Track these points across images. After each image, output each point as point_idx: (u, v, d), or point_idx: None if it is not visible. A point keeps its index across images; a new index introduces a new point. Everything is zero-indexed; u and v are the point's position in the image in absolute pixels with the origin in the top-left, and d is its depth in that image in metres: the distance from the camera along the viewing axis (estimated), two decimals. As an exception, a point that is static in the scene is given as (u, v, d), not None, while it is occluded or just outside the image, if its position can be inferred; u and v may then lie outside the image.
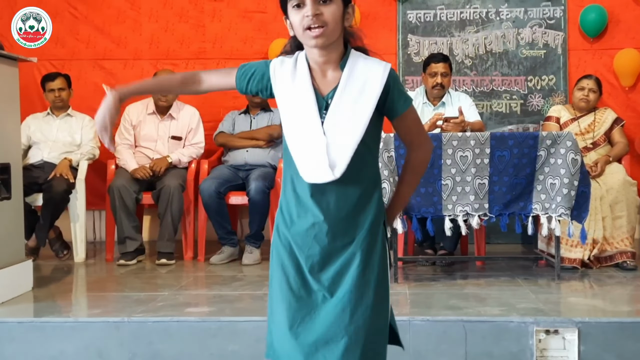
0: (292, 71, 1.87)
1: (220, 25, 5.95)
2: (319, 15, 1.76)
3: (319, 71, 1.86)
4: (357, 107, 1.80)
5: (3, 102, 3.87)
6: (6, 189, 3.87)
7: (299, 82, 1.85)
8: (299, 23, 1.79)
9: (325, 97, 1.84)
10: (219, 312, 3.48)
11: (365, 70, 1.83)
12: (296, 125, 1.85)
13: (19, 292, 3.90)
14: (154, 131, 5.28)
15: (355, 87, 1.82)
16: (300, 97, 1.84)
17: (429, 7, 5.82)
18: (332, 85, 1.84)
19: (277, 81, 1.88)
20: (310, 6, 1.76)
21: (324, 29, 1.77)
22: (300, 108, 1.84)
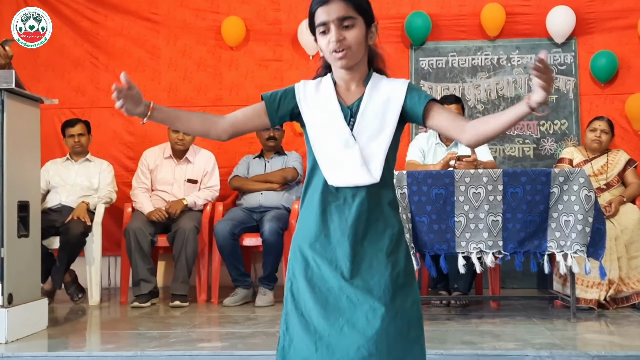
0: (316, 88, 2.00)
1: (237, 73, 6.09)
2: (342, 40, 1.89)
3: (344, 86, 1.99)
4: (382, 113, 1.93)
5: (24, 141, 3.97)
6: (24, 227, 3.93)
7: (324, 95, 1.98)
8: (326, 47, 1.92)
9: (350, 106, 1.95)
10: (232, 347, 3.47)
11: (387, 85, 1.96)
12: (325, 134, 1.95)
13: (34, 329, 3.92)
14: (171, 175, 5.36)
15: (379, 97, 1.94)
16: (326, 107, 1.96)
17: (441, 54, 5.94)
18: (355, 97, 1.96)
19: (302, 98, 1.99)
20: (334, 32, 1.89)
21: (348, 51, 1.90)
22: (327, 118, 1.95)
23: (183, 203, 5.19)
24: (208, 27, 6.12)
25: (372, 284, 1.87)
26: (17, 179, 3.85)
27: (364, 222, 1.91)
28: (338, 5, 1.89)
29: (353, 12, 1.91)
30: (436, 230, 4.03)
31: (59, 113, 5.97)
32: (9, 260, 3.72)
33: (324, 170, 1.93)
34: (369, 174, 1.90)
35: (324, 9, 1.90)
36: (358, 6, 1.92)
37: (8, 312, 3.65)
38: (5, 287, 3.68)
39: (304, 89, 2.00)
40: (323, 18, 1.90)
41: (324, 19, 1.90)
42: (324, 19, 1.90)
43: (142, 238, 4.97)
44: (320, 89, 1.99)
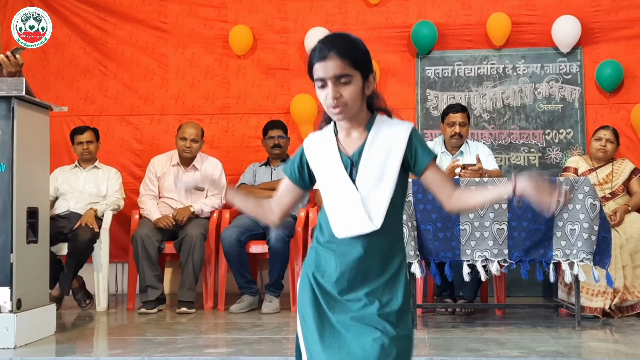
0: (320, 141, 2.03)
1: (244, 81, 6.14)
2: (339, 98, 1.90)
3: (345, 134, 1.99)
4: (384, 162, 1.93)
5: (34, 148, 4.02)
6: (33, 232, 3.97)
7: (326, 147, 2.00)
8: (324, 101, 1.94)
9: (351, 156, 1.96)
10: (238, 352, 3.50)
11: (389, 130, 1.95)
12: (329, 187, 1.99)
13: (42, 335, 3.95)
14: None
15: (381, 145, 1.94)
16: (328, 161, 1.99)
17: (447, 63, 5.97)
18: (357, 144, 1.97)
19: (310, 155, 2.03)
20: (331, 90, 1.90)
21: (344, 107, 1.91)
22: (329, 170, 1.98)
23: (190, 210, 5.23)
24: (216, 35, 6.18)
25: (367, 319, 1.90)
26: (27, 185, 3.90)
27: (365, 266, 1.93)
28: (335, 63, 1.89)
29: (349, 69, 1.90)
30: (441, 238, 4.06)
31: (67, 120, 6.03)
32: (18, 265, 3.76)
33: (331, 223, 1.96)
34: (369, 222, 1.90)
35: (321, 65, 1.90)
36: (355, 62, 1.91)
37: (17, 317, 3.69)
38: (14, 293, 3.72)
39: (311, 145, 2.04)
40: (320, 74, 1.91)
41: (321, 75, 1.91)
42: (321, 76, 1.91)
43: (150, 245, 5.00)
44: (324, 140, 2.02)
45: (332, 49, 1.90)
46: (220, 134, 6.11)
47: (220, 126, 6.12)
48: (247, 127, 6.06)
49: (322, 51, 1.91)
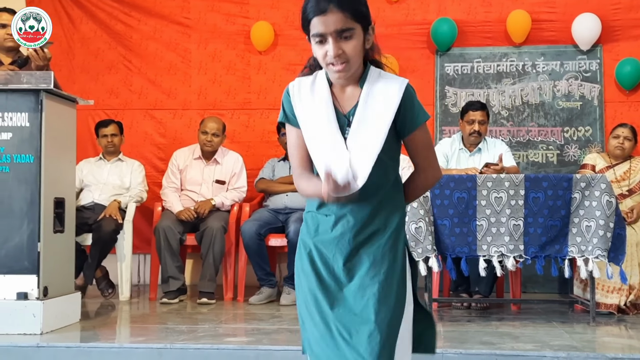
0: (311, 90, 1.91)
1: (265, 77, 6.22)
2: (341, 54, 1.80)
3: (339, 88, 1.90)
4: (376, 122, 1.85)
5: (61, 140, 4.13)
6: (60, 222, 4.09)
7: (320, 101, 1.89)
8: (322, 57, 1.83)
9: (347, 114, 1.88)
10: (257, 341, 3.59)
11: (383, 88, 1.86)
12: (320, 142, 1.89)
13: (67, 322, 4.07)
14: (199, 175, 5.50)
15: (375, 104, 1.85)
16: (323, 115, 1.88)
17: (466, 60, 6.01)
18: (352, 102, 1.88)
19: (297, 102, 1.91)
20: (333, 46, 1.79)
21: (346, 64, 1.82)
22: (323, 126, 1.88)
23: (211, 203, 5.33)
24: (238, 31, 6.26)
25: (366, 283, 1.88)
26: (54, 176, 4.01)
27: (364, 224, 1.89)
28: (336, 16, 1.78)
29: (351, 22, 1.80)
30: (458, 234, 4.11)
31: (92, 114, 6.15)
32: (45, 254, 3.88)
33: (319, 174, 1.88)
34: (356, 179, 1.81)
35: (320, 20, 1.78)
36: (356, 14, 1.80)
37: (43, 304, 3.80)
38: (41, 281, 3.84)
39: (298, 91, 1.92)
40: (320, 29, 1.79)
41: (321, 30, 1.79)
42: (321, 31, 1.79)
43: (172, 236, 5.11)
44: (315, 90, 1.90)
45: (331, 1, 1.77)
46: (241, 129, 6.20)
47: (241, 121, 6.21)
48: (267, 122, 6.14)
49: (320, 3, 1.78)
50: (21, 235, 3.86)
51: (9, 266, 3.83)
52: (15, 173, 3.88)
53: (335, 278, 1.91)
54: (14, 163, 3.88)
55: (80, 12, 6.34)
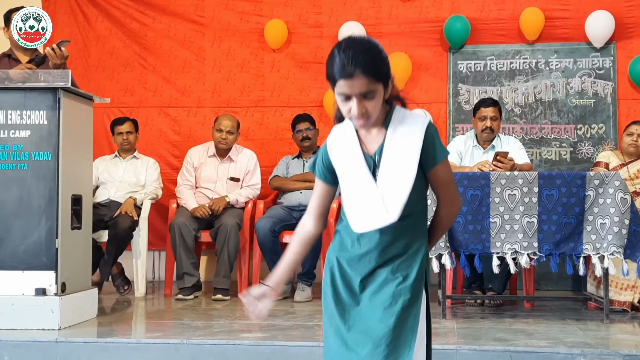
0: (342, 139, 2.04)
1: (278, 74, 6.26)
2: (364, 113, 1.91)
3: (365, 130, 2.02)
4: (403, 159, 1.96)
5: (78, 138, 4.18)
6: (77, 219, 4.13)
7: (348, 146, 2.02)
8: (346, 112, 1.95)
9: (372, 155, 1.99)
10: (272, 337, 3.62)
11: (407, 129, 1.97)
12: (350, 184, 2.01)
13: (84, 317, 4.12)
14: (214, 173, 5.54)
15: (400, 142, 1.97)
16: (351, 159, 2.01)
17: (479, 57, 6.02)
18: (377, 142, 2.00)
19: (333, 155, 2.05)
20: (357, 106, 1.90)
21: (368, 120, 1.94)
22: (352, 168, 2.01)
23: (226, 200, 5.37)
24: (251, 29, 6.30)
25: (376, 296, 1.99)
26: (72, 173, 4.06)
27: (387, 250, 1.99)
28: (361, 81, 1.87)
29: (375, 84, 1.89)
30: (471, 231, 4.13)
31: (108, 112, 6.21)
32: (63, 250, 3.93)
33: (349, 218, 2.00)
34: (387, 214, 1.93)
35: (346, 83, 1.87)
36: (379, 76, 1.90)
37: (61, 300, 3.85)
38: (59, 277, 3.89)
39: (334, 144, 2.05)
40: (345, 90, 1.89)
41: (346, 91, 1.89)
42: (346, 92, 1.89)
43: (187, 233, 5.16)
44: (346, 137, 2.03)
45: (357, 67, 1.86)
46: (255, 127, 6.24)
47: (255, 119, 6.25)
48: (281, 119, 6.18)
49: (347, 68, 1.87)
50: (39, 232, 3.91)
51: (28, 262, 3.89)
52: (34, 170, 3.93)
53: (353, 294, 2.03)
54: (33, 160, 3.94)
55: (96, 10, 6.40)
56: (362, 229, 1.98)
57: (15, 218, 3.92)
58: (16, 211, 3.92)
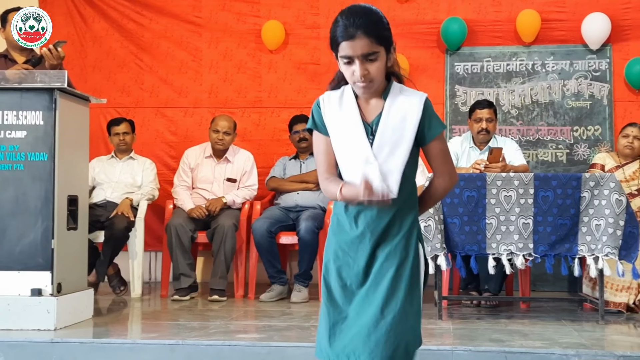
0: (339, 102, 2.08)
1: (275, 76, 6.26)
2: (366, 74, 1.98)
3: (364, 100, 2.08)
4: (400, 131, 2.03)
5: (74, 138, 4.18)
6: (74, 220, 4.14)
7: (347, 111, 2.07)
8: (349, 76, 2.01)
9: (371, 123, 2.05)
10: (269, 338, 3.63)
11: (404, 101, 2.05)
12: (347, 149, 2.06)
13: (80, 318, 4.12)
14: (211, 173, 5.55)
15: (397, 114, 2.04)
16: (350, 123, 2.06)
17: (476, 59, 6.03)
18: (375, 112, 2.06)
19: (327, 113, 2.09)
20: (359, 67, 1.97)
21: (370, 83, 2.00)
22: (350, 134, 2.05)
23: (222, 201, 5.37)
24: (249, 30, 6.30)
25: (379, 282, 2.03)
26: (68, 174, 4.06)
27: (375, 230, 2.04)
28: (363, 41, 1.95)
29: (376, 46, 1.97)
30: (467, 232, 4.14)
31: (104, 112, 6.20)
32: (58, 251, 3.92)
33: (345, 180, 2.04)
34: (388, 189, 1.96)
35: (349, 44, 1.96)
36: (381, 39, 1.98)
37: (57, 300, 3.85)
38: (55, 277, 3.89)
39: (328, 103, 2.09)
40: (348, 52, 1.97)
41: (348, 53, 1.96)
42: (349, 54, 1.96)
43: (183, 234, 5.16)
44: (343, 103, 2.07)
45: (359, 28, 1.95)
46: (252, 127, 6.24)
47: (252, 119, 6.26)
48: (278, 120, 6.18)
49: (349, 30, 1.95)
50: (35, 232, 3.91)
51: (24, 263, 3.89)
52: (30, 171, 3.93)
53: (355, 277, 2.07)
54: (29, 161, 3.93)
55: (92, 11, 6.39)
56: None
57: (11, 218, 3.91)
58: (12, 211, 3.91)
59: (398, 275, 2.02)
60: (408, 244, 2.05)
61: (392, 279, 2.01)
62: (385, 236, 2.05)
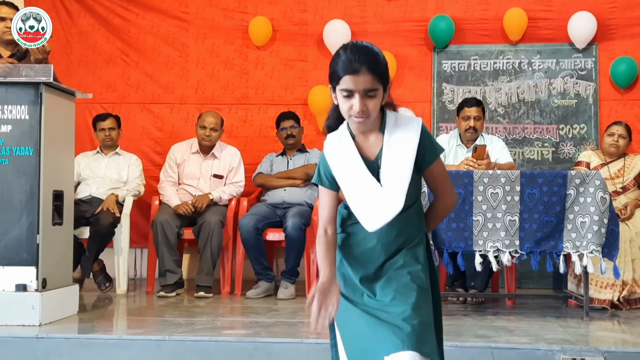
0: (339, 145, 2.15)
1: (263, 72, 6.25)
2: (364, 110, 2.03)
3: (362, 137, 2.14)
4: (401, 159, 2.09)
5: (60, 133, 4.15)
6: (59, 215, 4.11)
7: (347, 152, 2.13)
8: (346, 110, 2.05)
9: (374, 160, 2.12)
10: (255, 334, 3.62)
11: (402, 130, 2.10)
12: (355, 188, 2.11)
13: (65, 314, 4.09)
14: (197, 169, 5.52)
15: (397, 145, 2.09)
16: (351, 164, 2.12)
17: (463, 57, 6.05)
18: (377, 147, 2.12)
19: (332, 163, 2.15)
20: (359, 102, 2.02)
21: (367, 119, 2.05)
22: (354, 174, 2.11)
23: (209, 197, 5.35)
24: (236, 26, 6.29)
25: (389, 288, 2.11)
26: (53, 169, 4.03)
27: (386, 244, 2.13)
28: (366, 78, 1.99)
29: (377, 84, 2.02)
30: (454, 229, 4.15)
31: (90, 108, 6.16)
32: (43, 246, 3.90)
33: (360, 219, 2.10)
34: (393, 208, 2.05)
35: (351, 79, 2.00)
36: (381, 77, 2.03)
37: (42, 296, 3.82)
38: (40, 272, 3.86)
39: (331, 151, 2.15)
40: (349, 86, 2.00)
41: (350, 87, 2.00)
42: (351, 87, 2.00)
43: (169, 230, 5.13)
44: (342, 146, 2.13)
45: (363, 64, 1.99)
46: (239, 124, 6.23)
47: (239, 116, 6.24)
48: (265, 117, 6.17)
49: (353, 64, 1.99)
50: (20, 227, 3.88)
51: (9, 258, 3.85)
52: (15, 166, 3.90)
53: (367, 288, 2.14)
54: (14, 156, 3.90)
55: (78, 5, 6.35)
56: (375, 226, 2.07)
57: (-4, 213, 3.88)
58: (-3, 206, 3.88)
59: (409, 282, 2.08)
60: (417, 255, 2.13)
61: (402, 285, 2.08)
62: (394, 252, 2.13)
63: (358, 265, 2.15)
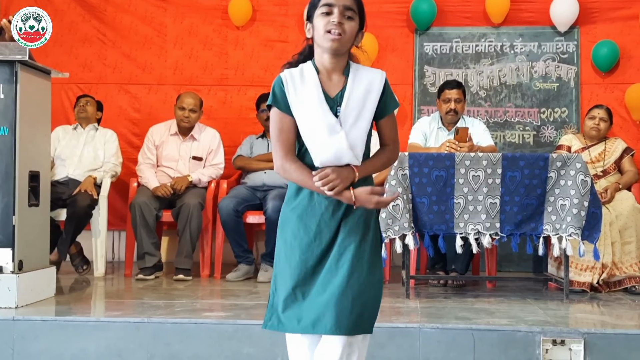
0: (300, 77, 2.17)
1: (242, 53, 6.17)
2: (342, 25, 2.11)
3: (326, 74, 2.18)
4: (363, 103, 2.15)
5: (36, 113, 4.06)
6: (35, 196, 4.03)
7: (309, 84, 2.15)
8: (323, 26, 2.12)
9: (335, 97, 2.16)
10: (235, 316, 3.58)
11: (366, 76, 2.18)
12: (313, 122, 2.14)
13: (42, 296, 4.03)
14: (176, 151, 5.45)
15: (360, 87, 2.16)
16: (314, 98, 2.14)
17: (445, 39, 6.02)
18: (338, 87, 2.17)
19: (290, 91, 2.15)
20: (337, 14, 2.11)
21: (342, 36, 2.12)
22: (314, 108, 2.14)
23: (188, 179, 5.29)
24: (215, 6, 6.19)
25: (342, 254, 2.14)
26: (29, 149, 3.95)
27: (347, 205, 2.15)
28: None
29: (355, 8, 2.15)
30: (436, 211, 4.14)
31: (65, 88, 6.06)
32: (19, 228, 3.83)
33: (312, 154, 2.13)
34: (354, 157, 2.12)
35: None
36: (359, 6, 2.17)
37: (18, 277, 3.76)
38: (16, 254, 3.79)
39: (291, 80, 2.15)
40: (331, 1, 2.12)
41: (332, 1, 2.11)
42: (331, 1, 2.11)
43: (148, 212, 5.07)
44: (305, 78, 2.15)
45: None
46: (218, 105, 6.15)
47: (218, 97, 6.17)
48: (244, 98, 6.10)
49: None
50: (-5, 208, 3.80)
51: (-16, 240, 3.78)
52: (-11, 145, 3.82)
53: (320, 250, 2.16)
54: (-12, 135, 3.82)
55: (54, -17, 6.22)
56: (328, 162, 2.10)
57: (-29, 194, 3.80)
58: (-29, 187, 3.80)
59: (361, 248, 2.12)
60: (369, 217, 2.18)
61: (355, 250, 2.11)
62: (346, 209, 2.15)
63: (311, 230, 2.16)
